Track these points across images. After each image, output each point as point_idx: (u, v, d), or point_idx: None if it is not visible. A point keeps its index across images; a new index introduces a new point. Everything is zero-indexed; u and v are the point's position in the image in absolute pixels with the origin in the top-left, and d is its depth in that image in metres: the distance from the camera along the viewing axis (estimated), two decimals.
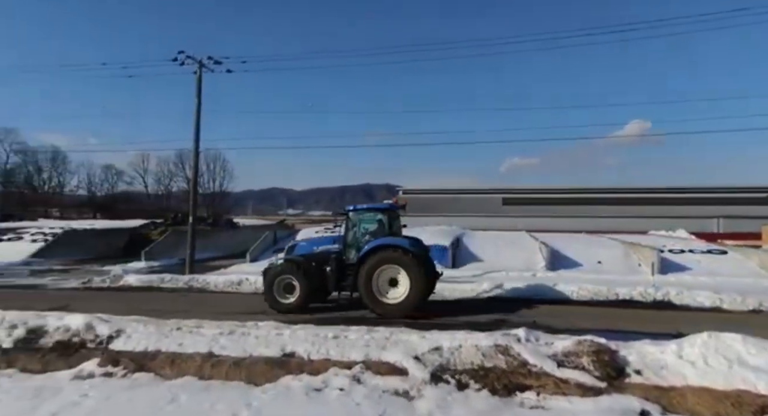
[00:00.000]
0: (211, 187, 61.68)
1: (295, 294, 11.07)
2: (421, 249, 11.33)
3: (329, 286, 11.20)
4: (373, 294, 10.49)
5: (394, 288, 10.60)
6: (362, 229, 11.60)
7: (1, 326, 6.83)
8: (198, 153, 19.20)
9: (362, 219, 11.73)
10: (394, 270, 10.56)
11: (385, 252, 10.60)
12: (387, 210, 11.79)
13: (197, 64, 17.76)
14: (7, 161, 60.92)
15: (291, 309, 10.87)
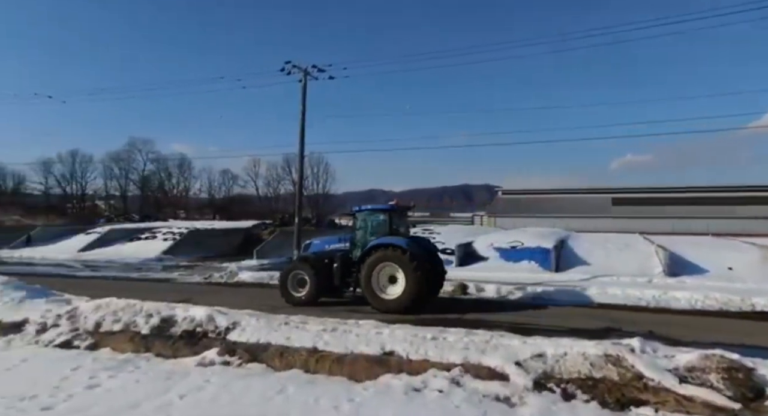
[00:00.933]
0: (315, 189, 64.81)
1: (306, 288, 11.84)
2: (425, 249, 11.82)
3: (335, 282, 11.87)
4: (373, 291, 11.04)
5: (393, 285, 11.08)
6: (367, 229, 12.19)
7: (140, 315, 7.73)
8: (303, 157, 20.31)
9: (367, 220, 12.31)
10: (393, 268, 11.05)
11: (384, 251, 11.13)
12: (389, 211, 12.21)
13: (302, 73, 18.77)
14: (145, 168, 69.23)
15: (302, 302, 11.63)
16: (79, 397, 5.19)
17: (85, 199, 68.81)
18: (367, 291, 11.17)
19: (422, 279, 10.84)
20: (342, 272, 11.87)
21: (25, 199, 62.12)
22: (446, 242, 21.29)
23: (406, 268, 10.86)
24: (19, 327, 7.87)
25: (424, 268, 11.02)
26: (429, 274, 11.20)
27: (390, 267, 11.13)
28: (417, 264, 10.84)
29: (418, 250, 11.31)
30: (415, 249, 11.28)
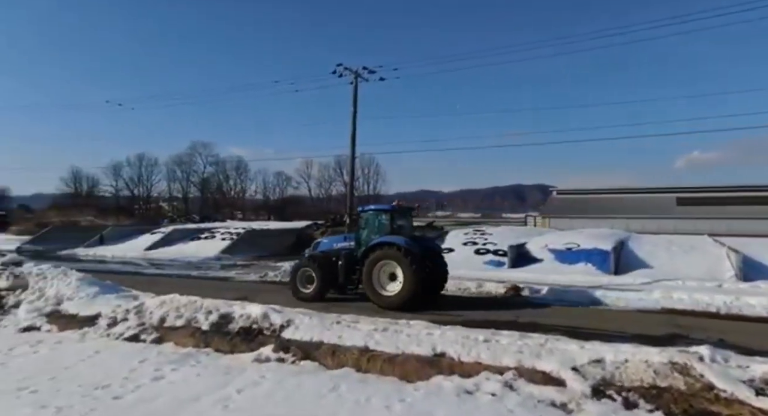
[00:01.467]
0: (365, 190, 65.58)
1: (313, 285, 12.41)
2: (426, 248, 12.21)
3: (340, 279, 12.38)
4: (374, 287, 11.52)
5: (392, 282, 11.52)
6: (370, 228, 12.70)
7: (201, 311, 8.09)
8: (354, 158, 20.56)
9: (370, 219, 12.82)
10: (392, 266, 11.50)
11: (383, 250, 11.60)
12: (390, 211, 12.65)
13: (353, 75, 19.00)
14: (204, 171, 72.46)
15: (310, 297, 12.16)
16: (146, 388, 5.50)
17: (151, 200, 72.87)
18: (368, 287, 11.61)
19: (420, 277, 11.14)
20: (346, 270, 12.35)
21: (98, 200, 66.60)
22: (498, 243, 20.88)
23: (404, 266, 11.24)
24: (92, 321, 8.43)
25: (422, 266, 11.33)
26: (428, 273, 11.54)
27: (389, 264, 11.57)
28: (415, 263, 11.17)
29: (417, 249, 11.60)
30: (413, 248, 11.57)
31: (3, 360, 6.66)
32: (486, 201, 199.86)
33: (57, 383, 5.62)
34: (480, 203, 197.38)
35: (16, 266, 10.16)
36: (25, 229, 42.06)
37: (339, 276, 12.43)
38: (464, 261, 19.65)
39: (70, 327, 8.36)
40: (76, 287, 9.63)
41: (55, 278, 9.90)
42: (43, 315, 8.80)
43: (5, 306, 9.21)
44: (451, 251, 21.21)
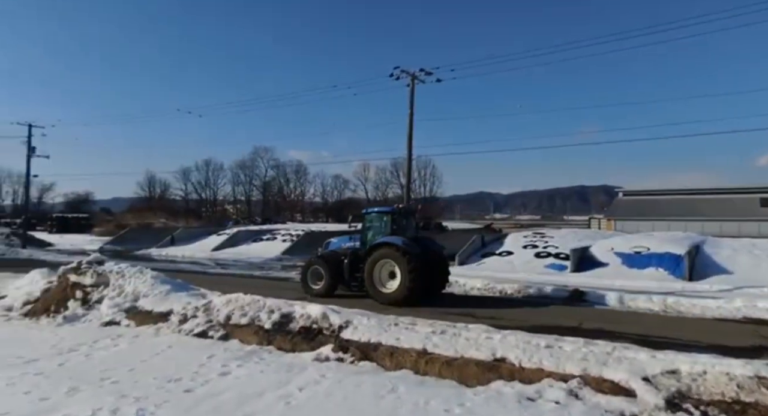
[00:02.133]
0: (422, 192, 65.43)
1: (322, 282, 13.14)
2: (426, 248, 12.79)
3: (345, 276, 12.99)
4: (374, 284, 12.17)
5: (392, 280, 12.12)
6: (373, 229, 13.35)
7: (264, 310, 8.37)
8: (411, 161, 20.55)
9: (373, 221, 13.49)
10: (391, 265, 12.11)
11: (382, 249, 12.27)
12: (391, 213, 13.31)
13: (410, 77, 19.01)
14: (266, 174, 75.17)
15: (319, 293, 12.80)
16: (214, 383, 5.76)
17: (217, 203, 76.46)
18: (369, 284, 12.26)
19: (416, 275, 11.69)
20: (351, 268, 12.96)
21: (169, 203, 70.70)
22: (560, 246, 20.18)
23: (401, 265, 11.85)
24: (165, 317, 8.94)
25: (419, 265, 11.84)
26: (426, 271, 12.10)
27: (389, 263, 12.19)
28: (411, 262, 11.75)
29: (414, 249, 12.21)
30: (411, 248, 12.17)
31: (88, 352, 7.21)
32: (547, 203, 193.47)
33: (135, 375, 6.01)
34: (540, 205, 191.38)
35: (99, 265, 10.96)
36: (105, 231, 45.45)
37: (345, 274, 13.04)
38: (524, 264, 19.14)
39: (145, 322, 8.91)
40: (150, 285, 10.25)
41: (133, 276, 10.58)
42: (122, 311, 9.44)
43: (90, 302, 9.97)
44: (510, 254, 20.73)
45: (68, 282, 10.50)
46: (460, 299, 13.53)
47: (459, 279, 15.57)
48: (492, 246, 22.20)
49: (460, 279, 15.51)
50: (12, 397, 5.23)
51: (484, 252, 21.52)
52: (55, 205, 75.55)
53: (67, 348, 7.37)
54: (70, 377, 5.93)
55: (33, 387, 5.53)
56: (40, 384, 5.65)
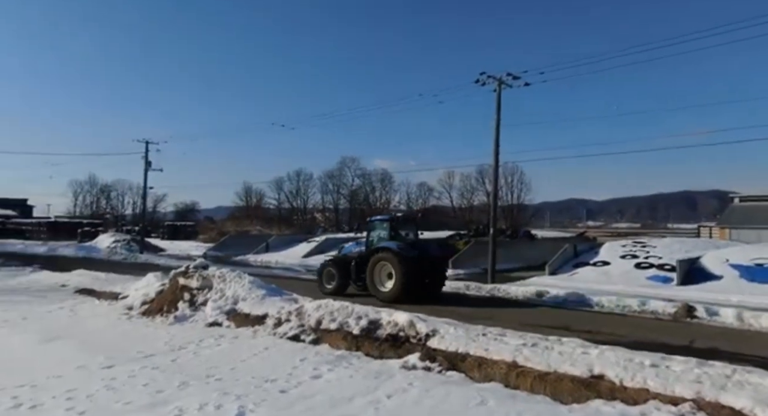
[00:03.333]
0: (509, 199, 63.48)
1: (334, 282, 14.76)
2: (423, 252, 14.08)
3: (353, 277, 14.48)
4: (374, 284, 13.76)
5: (389, 281, 13.53)
6: (376, 235, 14.84)
7: (352, 317, 8.57)
8: (498, 167, 20.04)
9: (375, 227, 15.07)
10: (388, 267, 13.57)
11: (380, 253, 13.82)
12: (389, 220, 15.01)
13: (496, 82, 18.60)
14: (352, 183, 77.32)
15: (331, 292, 14.06)
16: (306, 385, 5.99)
17: (307, 211, 79.78)
18: (370, 284, 13.85)
19: (409, 276, 13.05)
20: (357, 270, 14.42)
21: (264, 212, 75.05)
22: (663, 257, 18.57)
23: (396, 267, 13.30)
24: (261, 320, 9.47)
25: (412, 268, 13.20)
26: (420, 273, 13.46)
27: (386, 266, 13.67)
28: (404, 264, 13.17)
29: (409, 253, 13.66)
30: (406, 252, 13.65)
31: (195, 350, 7.84)
32: (647, 210, 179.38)
33: (236, 373, 6.42)
34: (639, 212, 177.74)
35: (204, 269, 11.89)
36: (208, 238, 49.19)
37: (352, 275, 14.53)
38: (622, 275, 17.87)
39: (244, 324, 9.50)
40: (248, 289, 10.92)
41: (232, 281, 11.34)
42: (223, 313, 10.14)
43: (196, 304, 10.83)
44: (606, 264, 19.46)
45: (178, 285, 11.49)
46: (549, 311, 12.94)
47: (550, 290, 14.90)
48: (586, 256, 20.98)
49: (552, 290, 14.84)
50: (133, 389, 5.82)
51: (576, 262, 20.39)
52: (167, 213, 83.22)
53: (177, 346, 8.06)
54: (180, 372, 6.47)
55: (150, 380, 6.10)
56: (156, 378, 6.22)
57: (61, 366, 6.75)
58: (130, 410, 5.14)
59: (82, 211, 79.18)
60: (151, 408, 5.16)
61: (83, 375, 6.44)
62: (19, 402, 5.31)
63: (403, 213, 17.10)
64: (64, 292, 14.95)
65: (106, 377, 6.26)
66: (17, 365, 7.02)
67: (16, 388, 5.76)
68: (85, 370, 6.64)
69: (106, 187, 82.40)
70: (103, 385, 5.91)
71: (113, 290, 13.86)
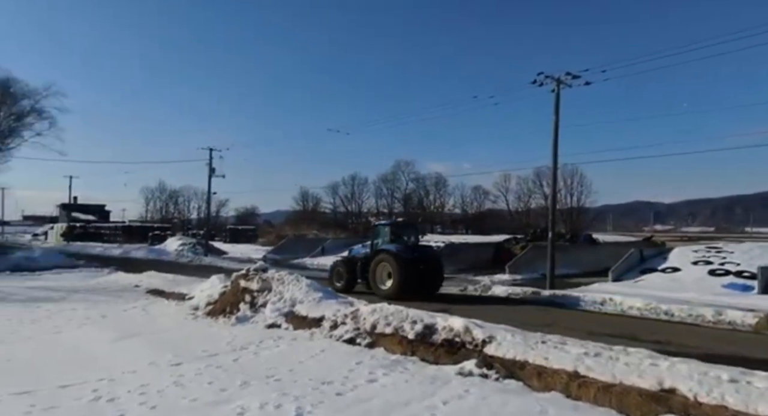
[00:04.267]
0: (568, 202, 61.34)
1: (342, 281, 16.24)
2: (421, 255, 15.45)
3: (359, 276, 15.95)
4: (376, 283, 15.13)
5: (389, 280, 14.76)
6: (379, 238, 16.30)
7: (407, 321, 8.56)
8: (556, 169, 19.42)
9: (378, 231, 16.60)
10: (388, 267, 14.90)
11: (381, 255, 15.30)
12: (390, 225, 16.76)
13: (555, 82, 18.06)
14: (406, 187, 77.44)
15: (340, 289, 14.84)
16: (362, 388, 6.04)
17: (361, 215, 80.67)
18: (372, 282, 15.24)
19: (406, 276, 14.34)
20: (362, 269, 15.89)
21: (320, 216, 76.68)
22: (742, 263, 17.25)
23: (394, 267, 14.64)
24: (318, 323, 9.66)
25: (408, 268, 14.49)
26: (417, 274, 14.63)
27: (386, 266, 15.01)
28: (402, 265, 14.51)
29: (407, 255, 14.99)
30: (404, 254, 14.98)
31: (256, 350, 8.11)
32: (722, 212, 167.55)
33: (294, 375, 6.58)
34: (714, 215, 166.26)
35: (263, 272, 12.31)
36: (267, 241, 50.89)
37: (358, 274, 16.00)
38: (695, 283, 16.76)
39: (302, 326, 9.73)
40: (305, 292, 11.17)
41: (290, 283, 11.65)
42: (282, 315, 10.44)
43: (256, 306, 11.21)
44: (677, 271, 18.36)
45: (239, 287, 11.94)
46: (613, 319, 12.37)
47: (614, 297, 14.24)
48: (653, 262, 19.84)
49: (615, 297, 14.18)
50: (199, 386, 6.10)
51: (643, 268, 19.33)
52: (229, 217, 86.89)
53: (239, 346, 8.38)
54: (242, 372, 6.72)
55: (214, 379, 6.38)
56: (219, 376, 6.50)
57: (135, 362, 7.19)
58: (197, 406, 5.39)
59: (152, 216, 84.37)
60: (215, 406, 5.38)
61: (154, 371, 6.83)
62: (98, 395, 5.70)
63: (404, 219, 19.74)
64: (137, 293, 15.93)
65: (175, 374, 6.61)
66: (97, 360, 7.55)
67: (96, 382, 6.20)
68: (155, 367, 7.05)
69: (174, 193, 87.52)
70: (172, 381, 6.24)
71: (180, 291, 14.62)
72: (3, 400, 5.52)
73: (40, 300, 13.95)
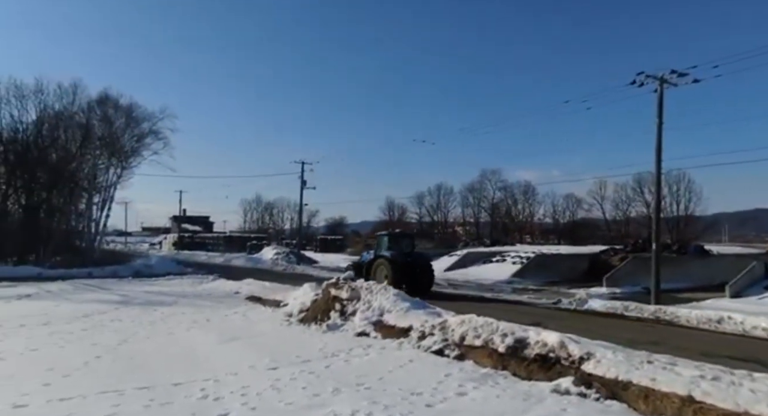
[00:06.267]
0: (674, 210, 56.37)
1: None
2: (414, 260, 18.75)
3: (364, 277, 16.55)
4: (375, 281, 14.82)
5: (385, 280, 16.59)
6: (379, 246, 19.89)
7: (497, 333, 8.31)
8: (660, 175, 17.98)
9: (380, 241, 20.23)
10: (384, 270, 18.26)
11: (379, 259, 18.89)
12: (387, 235, 20.50)
13: (657, 82, 16.78)
14: (494, 196, 75.71)
15: None
16: (451, 401, 5.95)
17: (447, 225, 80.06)
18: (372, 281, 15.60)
19: (398, 276, 17.10)
20: (366, 271, 18.94)
21: (405, 226, 77.04)
22: None
23: (388, 269, 18.05)
24: (406, 332, 9.69)
25: (399, 269, 17.71)
26: (408, 275, 17.42)
27: (383, 268, 18.48)
28: (395, 267, 17.91)
29: (400, 259, 18.35)
30: (397, 259, 18.36)
31: (346, 358, 8.31)
32: None
33: (383, 384, 6.64)
34: None
35: (352, 281, 12.64)
36: (355, 251, 52.10)
37: (364, 275, 17.90)
38: None
39: (390, 336, 9.81)
40: (393, 301, 11.27)
41: (378, 292, 11.83)
42: (371, 324, 10.61)
43: (346, 314, 11.50)
44: None
45: (330, 296, 12.34)
46: (732, 340, 11.11)
47: (734, 315, 12.81)
48: None
49: (735, 315, 12.75)
50: (294, 390, 6.36)
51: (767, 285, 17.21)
52: (319, 228, 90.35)
53: (330, 353, 8.63)
54: (333, 378, 6.91)
55: (308, 384, 6.62)
56: (312, 382, 6.73)
57: (236, 365, 7.68)
58: (293, 410, 5.63)
59: (250, 226, 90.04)
60: (310, 410, 5.58)
61: (253, 374, 7.24)
62: (206, 394, 6.15)
63: (400, 231, 24.44)
64: (237, 299, 17.04)
65: (272, 377, 6.95)
66: (203, 361, 8.16)
67: (203, 381, 6.69)
68: (254, 370, 7.47)
69: (269, 205, 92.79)
70: (269, 385, 6.57)
71: (276, 298, 15.41)
72: (128, 393, 6.14)
73: (156, 303, 15.41)
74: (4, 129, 32.95)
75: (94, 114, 34.75)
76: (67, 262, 29.23)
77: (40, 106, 33.24)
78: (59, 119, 34.20)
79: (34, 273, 25.64)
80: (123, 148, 35.31)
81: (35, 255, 30.51)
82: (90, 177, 35.01)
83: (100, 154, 34.97)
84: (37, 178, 33.21)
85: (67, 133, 34.64)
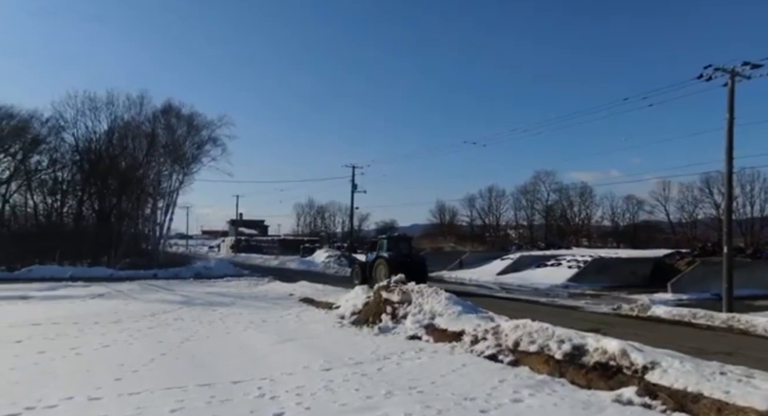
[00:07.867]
0: (747, 212, 52.66)
1: (359, 279, 21.65)
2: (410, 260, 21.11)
3: (367, 276, 21.46)
4: (375, 279, 19.18)
5: (384, 277, 16.26)
6: (379, 248, 22.78)
7: (553, 339, 8.04)
8: (731, 175, 16.83)
9: (380, 242, 23.22)
10: (382, 268, 20.65)
11: (378, 259, 21.67)
12: (386, 238, 23.60)
13: (728, 75, 15.75)
14: (548, 198, 73.63)
15: (358, 285, 16.74)
16: (506, 407, 5.81)
17: (499, 228, 78.58)
18: (371, 280, 19.08)
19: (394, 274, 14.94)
20: (369, 270, 21.65)
21: (456, 229, 76.48)
22: None
23: (385, 268, 20.12)
24: (458, 337, 9.57)
25: (395, 268, 17.75)
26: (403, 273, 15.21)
27: (381, 267, 20.71)
28: (391, 266, 19.65)
29: (396, 259, 20.57)
30: (394, 259, 20.67)
31: (398, 361, 8.31)
32: None
33: (436, 387, 6.58)
34: None
35: (403, 284, 12.62)
36: None
37: (367, 274, 21.38)
38: None
39: (442, 340, 9.73)
40: (444, 305, 11.17)
41: (430, 296, 11.75)
42: (422, 327, 10.55)
43: (397, 317, 11.51)
44: None
45: (381, 298, 12.39)
46: None
47: None
48: None
49: None
50: (347, 392, 6.43)
51: None
52: (370, 231, 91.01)
53: (382, 355, 8.66)
54: (385, 381, 6.92)
55: (360, 386, 6.67)
56: (365, 384, 6.77)
57: (291, 365, 7.85)
58: (346, 411, 5.68)
59: (303, 230, 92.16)
60: (362, 412, 5.61)
61: (307, 374, 7.38)
62: (263, 393, 6.33)
63: (398, 234, 27.67)
64: (291, 300, 17.46)
65: (325, 378, 7.06)
66: (260, 360, 8.41)
67: (260, 380, 6.89)
68: (309, 370, 7.61)
69: (321, 209, 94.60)
70: (323, 386, 6.67)
71: (328, 300, 15.66)
72: (190, 389, 6.43)
73: (215, 304, 16.06)
74: (80, 139, 35.68)
75: (158, 123, 36.96)
76: (134, 264, 31.11)
77: (111, 117, 35.84)
78: (128, 129, 36.66)
79: (106, 274, 27.50)
80: (185, 155, 37.21)
81: (107, 257, 32.63)
82: (155, 183, 37.16)
83: (164, 161, 37.02)
84: (108, 185, 35.65)
85: (134, 142, 37.02)
